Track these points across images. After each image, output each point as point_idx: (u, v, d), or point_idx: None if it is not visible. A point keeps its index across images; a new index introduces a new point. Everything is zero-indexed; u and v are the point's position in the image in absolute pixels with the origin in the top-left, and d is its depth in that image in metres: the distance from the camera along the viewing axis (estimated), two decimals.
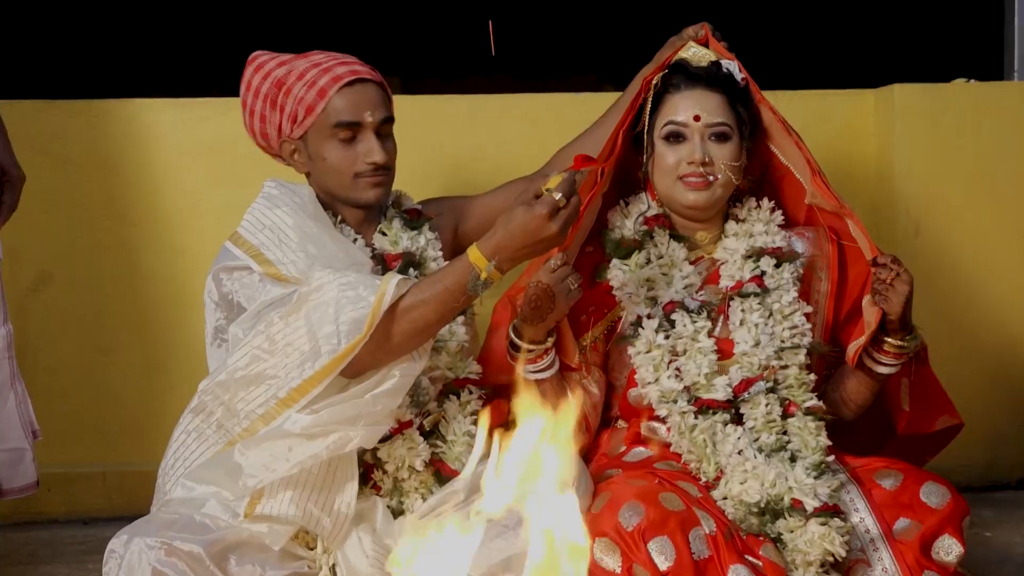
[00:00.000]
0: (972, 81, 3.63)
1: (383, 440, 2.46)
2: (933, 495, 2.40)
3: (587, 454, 2.64)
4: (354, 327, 2.30)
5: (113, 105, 3.48)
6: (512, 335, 2.53)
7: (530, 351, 2.52)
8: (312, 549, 2.43)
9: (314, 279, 2.37)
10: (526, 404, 2.13)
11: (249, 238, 2.48)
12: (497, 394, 2.62)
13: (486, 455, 2.05)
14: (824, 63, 5.02)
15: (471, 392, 2.58)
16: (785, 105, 3.05)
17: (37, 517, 3.38)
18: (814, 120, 3.51)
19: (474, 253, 2.31)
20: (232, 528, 2.32)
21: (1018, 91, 3.62)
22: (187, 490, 2.42)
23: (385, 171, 2.57)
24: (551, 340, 2.54)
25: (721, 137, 2.58)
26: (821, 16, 5.58)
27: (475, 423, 2.54)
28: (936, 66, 4.08)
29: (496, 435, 2.12)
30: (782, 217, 2.68)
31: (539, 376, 2.55)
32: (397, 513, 2.48)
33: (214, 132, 3.47)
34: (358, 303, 2.32)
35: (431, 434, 2.53)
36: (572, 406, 2.15)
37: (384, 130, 2.57)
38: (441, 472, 2.49)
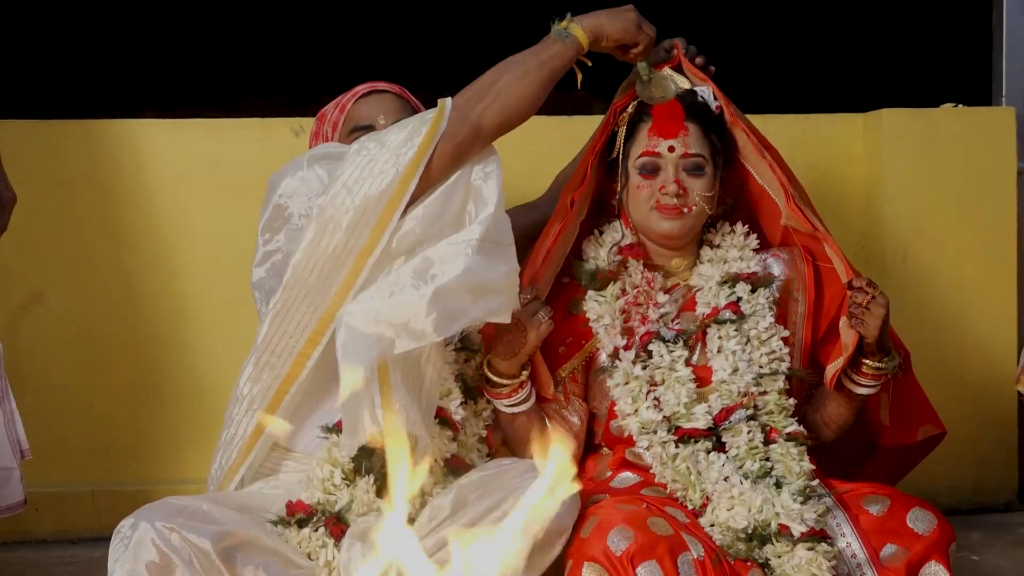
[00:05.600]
0: (960, 106, 3.64)
1: None
2: (920, 521, 2.41)
3: None
4: (423, 121, 2.41)
5: (107, 125, 3.49)
6: (486, 370, 2.54)
7: (505, 386, 2.53)
8: (312, 560, 2.42)
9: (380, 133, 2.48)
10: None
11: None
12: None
13: None
14: (813, 87, 5.04)
15: (489, 402, 2.59)
16: (774, 129, 3.07)
17: (25, 537, 3.37)
18: (803, 144, 3.53)
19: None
20: (242, 522, 2.32)
21: (1006, 116, 3.63)
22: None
23: None
24: (525, 374, 2.55)
25: (696, 168, 2.58)
26: (810, 40, 5.60)
27: (486, 428, 2.57)
28: (924, 91, 4.10)
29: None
30: (756, 241, 2.68)
31: (515, 410, 2.56)
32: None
33: (208, 152, 3.47)
34: (422, 115, 2.45)
35: (445, 424, 2.52)
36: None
37: None
38: (452, 464, 2.49)
